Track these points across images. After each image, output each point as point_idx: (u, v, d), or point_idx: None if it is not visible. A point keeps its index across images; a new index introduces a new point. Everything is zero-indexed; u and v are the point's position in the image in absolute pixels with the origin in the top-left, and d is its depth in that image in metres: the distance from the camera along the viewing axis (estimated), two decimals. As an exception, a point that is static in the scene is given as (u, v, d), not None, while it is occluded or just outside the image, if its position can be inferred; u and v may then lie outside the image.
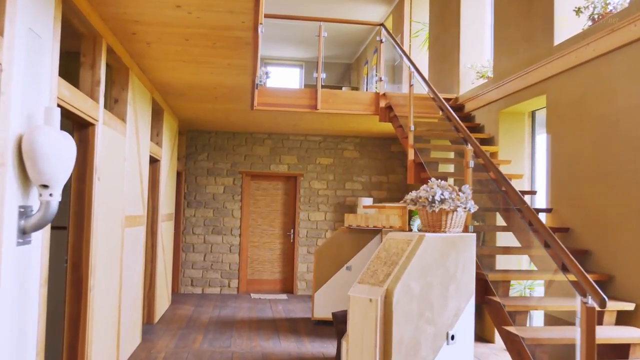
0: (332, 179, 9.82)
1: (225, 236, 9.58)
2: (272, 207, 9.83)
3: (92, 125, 4.03)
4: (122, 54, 4.72)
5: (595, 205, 4.64)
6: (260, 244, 9.79)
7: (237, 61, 5.10)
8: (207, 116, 8.25)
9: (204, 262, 9.52)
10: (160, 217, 7.09)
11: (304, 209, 9.73)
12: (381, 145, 9.93)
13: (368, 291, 3.04)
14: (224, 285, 9.55)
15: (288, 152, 9.78)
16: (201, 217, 9.54)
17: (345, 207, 9.79)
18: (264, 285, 9.77)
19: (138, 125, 5.50)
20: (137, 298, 5.79)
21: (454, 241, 3.35)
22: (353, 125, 8.65)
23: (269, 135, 9.76)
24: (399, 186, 9.94)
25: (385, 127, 8.45)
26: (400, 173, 9.94)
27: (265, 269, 9.79)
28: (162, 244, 7.36)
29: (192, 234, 9.52)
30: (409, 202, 3.46)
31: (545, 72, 5.45)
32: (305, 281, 9.67)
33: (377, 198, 9.84)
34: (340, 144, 9.87)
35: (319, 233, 9.73)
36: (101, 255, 4.26)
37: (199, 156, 9.61)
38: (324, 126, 8.85)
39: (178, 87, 6.24)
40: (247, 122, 8.74)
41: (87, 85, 4.08)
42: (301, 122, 8.61)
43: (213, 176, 9.61)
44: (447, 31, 8.20)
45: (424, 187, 3.44)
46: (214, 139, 9.65)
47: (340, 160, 9.85)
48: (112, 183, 4.60)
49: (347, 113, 7.50)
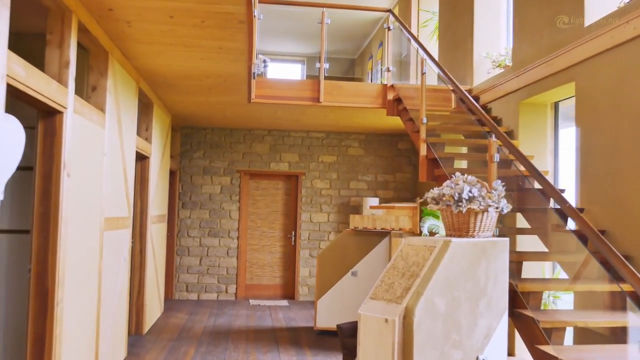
0: (336, 178, 9.26)
1: (223, 239, 9.03)
2: (272, 207, 9.27)
3: (60, 113, 3.48)
4: (99, 34, 4.17)
5: (636, 205, 4.08)
6: (259, 247, 9.23)
7: (229, 44, 4.55)
8: (201, 111, 7.70)
9: (200, 267, 8.97)
10: (150, 218, 6.55)
11: (306, 209, 9.17)
12: (387, 142, 9.37)
13: (383, 309, 2.48)
14: (221, 291, 8.99)
15: (289, 150, 9.22)
16: (197, 218, 8.99)
17: (350, 207, 9.23)
18: (264, 290, 9.21)
19: (121, 117, 4.96)
20: (122, 308, 5.25)
21: (485, 248, 2.79)
22: (358, 120, 8.09)
23: (269, 132, 9.20)
24: (406, 185, 9.38)
25: (393, 122, 7.89)
26: (408, 172, 9.38)
27: (265, 273, 9.23)
28: (153, 248, 6.81)
29: (187, 237, 8.97)
30: (430, 200, 2.90)
31: (574, 56, 4.89)
32: (307, 286, 9.12)
33: (383, 198, 9.29)
34: (344, 140, 9.31)
35: (322, 235, 9.17)
36: (73, 262, 3.71)
37: (195, 154, 9.07)
38: (327, 121, 8.29)
39: (167, 76, 5.69)
40: (244, 118, 8.19)
41: (53, 67, 3.54)
42: (303, 117, 8.06)
43: (209, 175, 9.07)
44: (458, 19, 7.65)
45: (447, 184, 2.88)
46: (210, 136, 9.10)
47: (344, 158, 9.29)
48: (87, 180, 4.05)
49: (352, 106, 6.94)
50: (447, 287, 2.56)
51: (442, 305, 2.53)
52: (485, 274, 2.77)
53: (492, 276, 2.80)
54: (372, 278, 6.43)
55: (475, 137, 6.21)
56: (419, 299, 2.43)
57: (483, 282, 2.75)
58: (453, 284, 2.59)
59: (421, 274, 2.52)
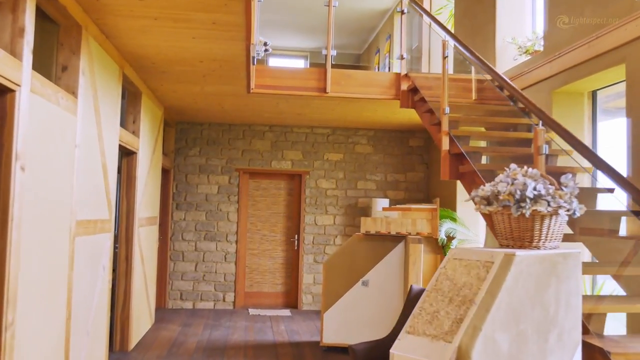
0: (342, 178, 8.58)
1: (220, 243, 8.35)
2: (274, 209, 8.60)
3: (11, 91, 2.81)
4: (69, 3, 3.50)
5: None
6: (259, 251, 8.55)
7: (224, 17, 3.88)
8: (197, 103, 7.03)
9: (195, 273, 8.29)
10: (138, 221, 5.88)
11: (310, 211, 8.49)
12: (398, 138, 8.69)
13: (426, 349, 1.81)
14: (218, 299, 8.32)
15: (292, 147, 8.55)
16: (192, 220, 8.32)
17: (358, 209, 8.56)
18: (264, 299, 8.53)
19: (99, 104, 4.29)
20: (100, 324, 4.57)
21: (554, 263, 2.11)
22: (367, 114, 7.41)
23: (270, 128, 8.53)
24: (418, 185, 8.69)
25: (404, 116, 7.22)
26: (421, 171, 8.69)
27: (266, 280, 8.56)
28: (141, 254, 6.14)
29: (182, 241, 8.29)
30: (479, 200, 2.23)
31: (623, 34, 4.21)
32: (312, 294, 8.43)
33: (393, 199, 8.61)
34: (351, 137, 8.63)
35: (327, 239, 8.50)
36: (30, 275, 3.04)
37: (190, 151, 8.40)
38: (334, 115, 7.62)
39: (155, 60, 5.03)
40: (244, 111, 7.52)
41: (4, 35, 2.87)
42: (307, 111, 7.39)
43: (206, 174, 8.39)
44: (478, 2, 6.98)
45: (502, 179, 2.20)
46: (206, 132, 8.43)
47: (352, 155, 8.61)
48: (52, 176, 3.38)
49: (362, 97, 6.26)
50: (511, 317, 1.89)
51: (505, 343, 1.86)
52: (555, 298, 2.09)
53: (563, 300, 2.12)
54: (385, 288, 5.75)
55: (499, 129, 5.56)
56: (477, 335, 1.76)
57: (553, 308, 2.07)
58: (518, 313, 1.92)
59: (477, 301, 1.85)
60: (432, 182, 8.53)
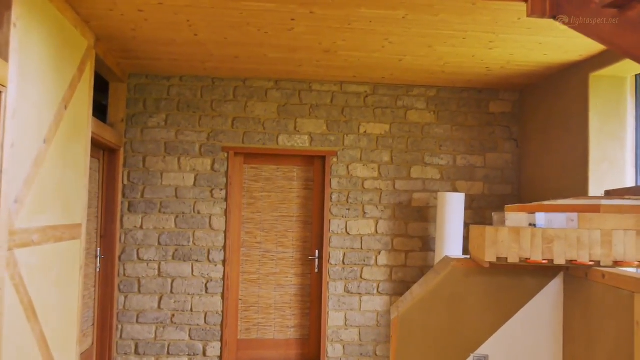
0: (388, 161, 5.57)
1: (198, 264, 5.33)
2: (282, 211, 5.58)
3: None
4: None
5: None
6: (260, 276, 5.53)
7: None
8: (155, 32, 4.01)
9: (160, 312, 5.27)
10: (19, 234, 2.87)
11: (339, 214, 5.48)
12: (473, 101, 5.69)
13: None
14: (196, 354, 5.29)
15: (310, 113, 5.53)
16: (153, 229, 5.30)
17: (412, 210, 5.55)
18: (268, 350, 5.51)
19: None
20: None
21: None
22: (435, 55, 4.39)
23: (276, 82, 5.52)
24: (503, 173, 5.68)
25: (496, 59, 4.20)
26: (507, 151, 5.69)
27: (270, 321, 5.53)
28: (27, 300, 3.12)
29: (138, 261, 5.27)
30: None
31: None
32: (342, 343, 5.42)
33: (468, 194, 5.61)
34: (402, 98, 5.62)
35: (366, 257, 5.48)
36: None
37: (151, 120, 5.38)
38: (377, 61, 4.58)
39: None
40: (233, 46, 4.51)
41: None
42: (335, 47, 4.38)
43: (175, 155, 5.38)
44: None
45: None
46: (176, 89, 5.42)
47: (403, 127, 5.60)
48: None
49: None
50: None
51: None
52: None
53: None
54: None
55: None
56: None
57: None
58: None
59: None
60: (525, 168, 5.52)
